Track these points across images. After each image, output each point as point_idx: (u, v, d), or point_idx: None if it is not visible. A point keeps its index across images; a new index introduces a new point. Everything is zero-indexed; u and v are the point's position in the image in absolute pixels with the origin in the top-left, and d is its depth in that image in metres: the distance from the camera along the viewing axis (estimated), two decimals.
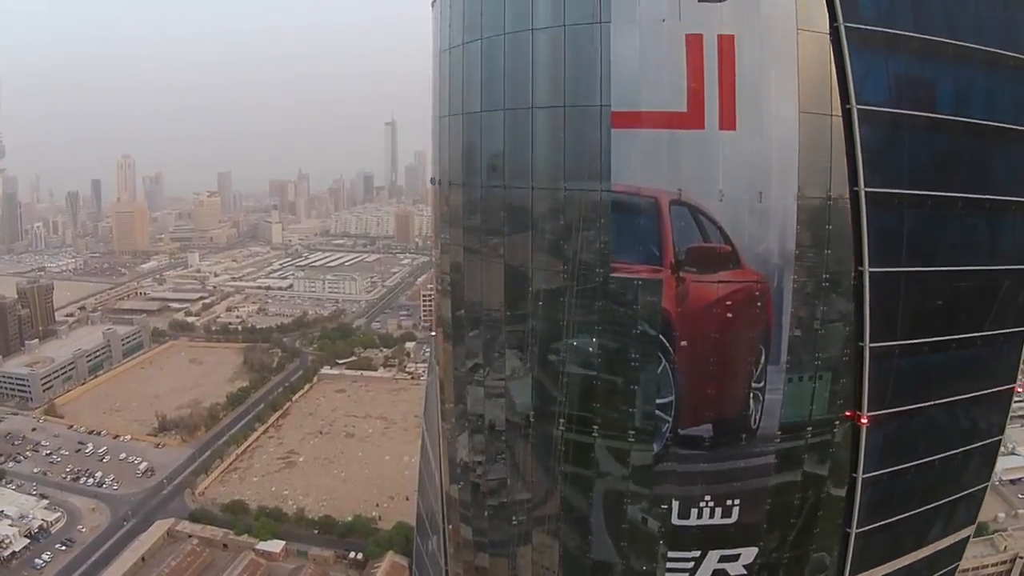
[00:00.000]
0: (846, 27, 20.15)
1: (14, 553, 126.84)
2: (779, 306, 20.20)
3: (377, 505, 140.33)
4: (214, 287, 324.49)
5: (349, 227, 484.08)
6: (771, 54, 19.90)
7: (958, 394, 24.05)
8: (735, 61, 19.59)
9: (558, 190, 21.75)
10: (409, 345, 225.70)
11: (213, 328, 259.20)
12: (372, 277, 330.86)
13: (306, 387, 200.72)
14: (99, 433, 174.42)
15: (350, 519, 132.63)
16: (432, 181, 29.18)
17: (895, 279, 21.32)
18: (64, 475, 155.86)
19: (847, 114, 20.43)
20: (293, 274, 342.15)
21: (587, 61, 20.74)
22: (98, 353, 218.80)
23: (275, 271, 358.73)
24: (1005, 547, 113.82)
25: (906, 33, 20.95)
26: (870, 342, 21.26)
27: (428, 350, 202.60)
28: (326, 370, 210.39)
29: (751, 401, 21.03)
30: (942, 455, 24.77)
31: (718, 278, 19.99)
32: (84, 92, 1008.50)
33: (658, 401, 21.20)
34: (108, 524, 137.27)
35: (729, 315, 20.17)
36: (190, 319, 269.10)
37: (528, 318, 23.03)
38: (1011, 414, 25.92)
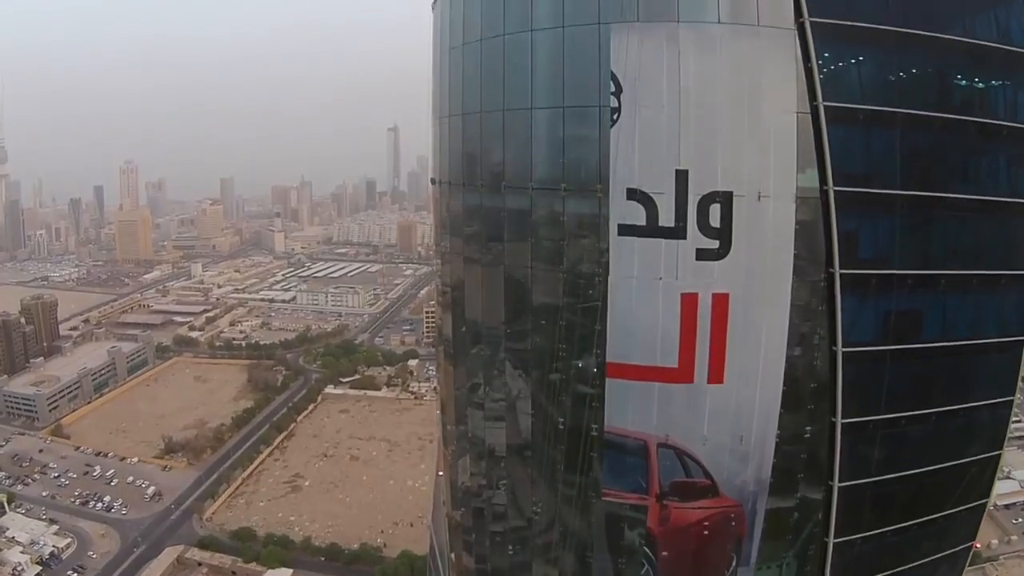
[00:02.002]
0: (841, 274, 21.48)
1: None
2: (752, 522, 22.34)
3: (382, 532, 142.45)
4: (217, 299, 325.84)
5: (352, 235, 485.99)
6: (764, 309, 21.40)
7: (920, 559, 26.03)
8: (727, 318, 21.08)
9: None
10: (412, 363, 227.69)
11: (217, 344, 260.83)
12: (375, 289, 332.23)
13: (310, 407, 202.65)
14: (106, 455, 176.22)
15: (356, 547, 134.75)
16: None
17: (861, 488, 23.24)
18: (73, 499, 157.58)
19: (832, 356, 21.99)
20: (296, 286, 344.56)
21: (586, 312, 22.45)
22: (103, 371, 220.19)
23: (278, 282, 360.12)
24: None
25: (900, 272, 22.27)
26: (834, 538, 23.27)
27: (433, 369, 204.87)
28: (330, 389, 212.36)
29: None
30: None
31: (698, 505, 22.16)
32: (87, 97, 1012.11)
33: None
34: (118, 550, 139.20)
35: (706, 532, 22.38)
36: (194, 334, 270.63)
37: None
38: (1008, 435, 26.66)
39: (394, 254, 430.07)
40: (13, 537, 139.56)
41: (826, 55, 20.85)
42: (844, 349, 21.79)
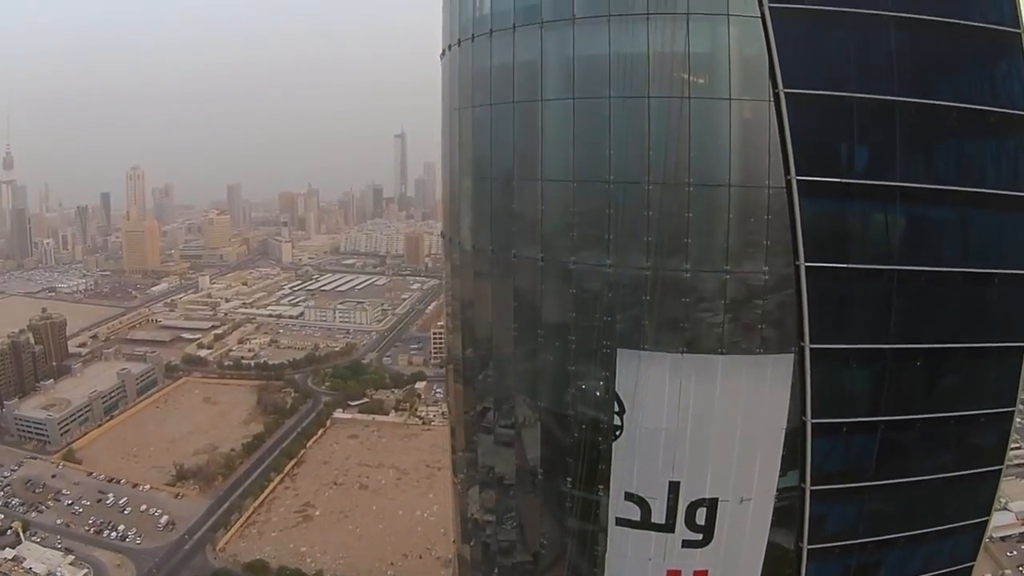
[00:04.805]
0: (808, 549, 23.15)
1: None
2: None
3: (391, 564, 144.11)
4: (225, 314, 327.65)
5: (359, 245, 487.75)
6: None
7: None
8: None
9: None
10: (419, 385, 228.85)
11: (226, 363, 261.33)
12: (383, 305, 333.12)
13: (319, 432, 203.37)
14: (119, 481, 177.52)
15: None
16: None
17: None
18: (87, 527, 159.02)
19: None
20: (304, 300, 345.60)
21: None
22: (113, 394, 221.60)
23: (286, 296, 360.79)
24: None
25: (863, 540, 23.85)
26: None
27: (440, 391, 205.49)
28: (339, 414, 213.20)
29: None
30: None
31: None
32: (94, 102, 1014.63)
33: None
34: None
35: None
36: (202, 352, 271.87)
37: None
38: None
39: (401, 265, 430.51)
40: (30, 568, 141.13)
41: (821, 374, 22.04)
42: None
